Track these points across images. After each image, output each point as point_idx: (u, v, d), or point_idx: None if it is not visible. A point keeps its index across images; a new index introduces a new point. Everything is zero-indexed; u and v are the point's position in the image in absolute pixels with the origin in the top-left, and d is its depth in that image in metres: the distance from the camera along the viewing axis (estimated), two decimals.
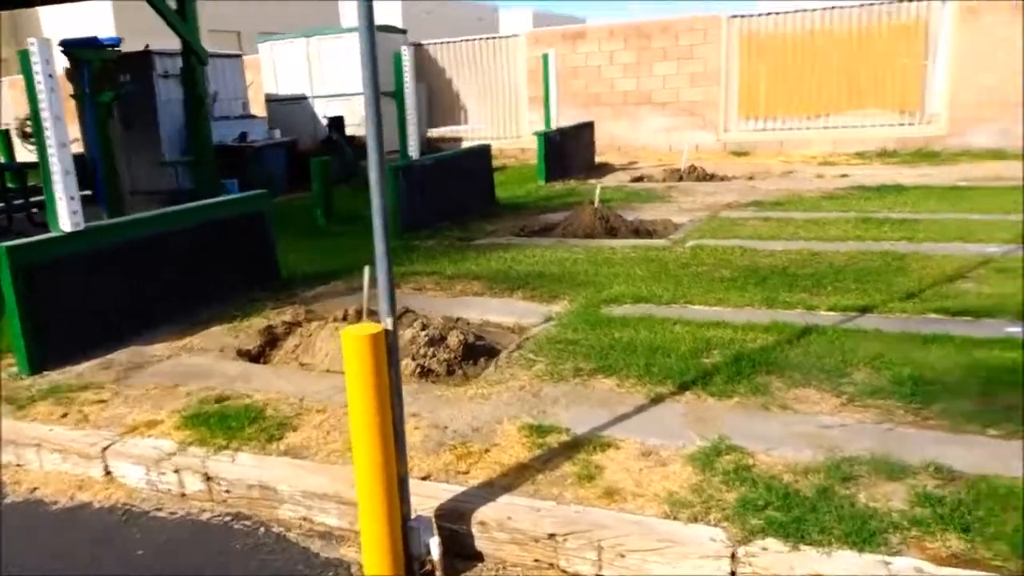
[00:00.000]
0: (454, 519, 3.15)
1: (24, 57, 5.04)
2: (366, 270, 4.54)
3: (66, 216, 5.21)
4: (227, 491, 3.70)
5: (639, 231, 8.91)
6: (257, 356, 5.43)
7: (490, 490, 3.29)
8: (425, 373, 4.78)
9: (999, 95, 13.58)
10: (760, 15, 15.40)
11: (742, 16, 15.55)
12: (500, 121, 18.21)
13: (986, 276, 6.00)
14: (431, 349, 4.92)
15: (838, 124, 15.01)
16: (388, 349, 2.78)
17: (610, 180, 13.00)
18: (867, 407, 3.85)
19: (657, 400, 4.07)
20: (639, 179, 13.21)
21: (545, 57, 13.43)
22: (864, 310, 5.29)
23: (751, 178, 12.41)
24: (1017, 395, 3.83)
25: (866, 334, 4.78)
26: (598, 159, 15.31)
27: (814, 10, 14.97)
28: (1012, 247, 6.76)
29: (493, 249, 8.06)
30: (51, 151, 5.03)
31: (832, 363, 4.37)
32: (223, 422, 4.12)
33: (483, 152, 11.43)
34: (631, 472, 3.36)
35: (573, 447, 3.61)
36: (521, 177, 13.68)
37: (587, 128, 14.88)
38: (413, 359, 4.84)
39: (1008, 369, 4.14)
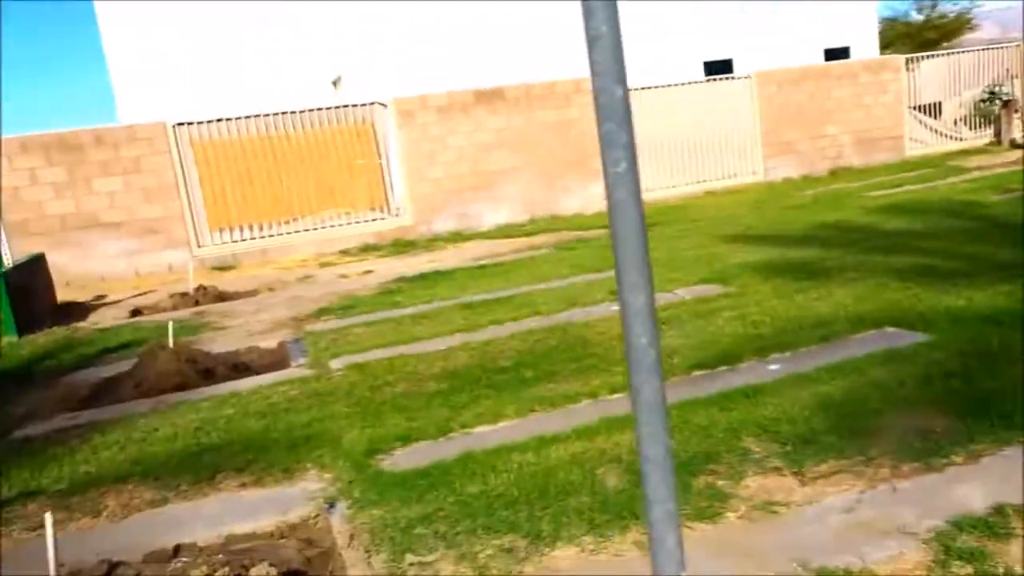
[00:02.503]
0: None
1: None
2: None
3: None
4: None
5: (240, 367, 7.23)
6: None
7: None
8: None
9: (446, 185, 15.30)
10: (209, 121, 14.41)
11: (188, 123, 14.31)
12: None
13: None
14: None
15: (316, 226, 14.91)
16: None
17: (103, 318, 10.40)
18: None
19: None
20: (138, 312, 10.86)
21: None
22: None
23: (272, 289, 11.35)
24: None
25: (690, 405, 4.60)
26: (60, 299, 12.13)
27: (265, 115, 14.65)
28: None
29: (76, 438, 5.53)
30: None
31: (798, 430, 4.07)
32: None
33: None
34: None
35: None
36: None
37: (39, 263, 11.65)
38: None
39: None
